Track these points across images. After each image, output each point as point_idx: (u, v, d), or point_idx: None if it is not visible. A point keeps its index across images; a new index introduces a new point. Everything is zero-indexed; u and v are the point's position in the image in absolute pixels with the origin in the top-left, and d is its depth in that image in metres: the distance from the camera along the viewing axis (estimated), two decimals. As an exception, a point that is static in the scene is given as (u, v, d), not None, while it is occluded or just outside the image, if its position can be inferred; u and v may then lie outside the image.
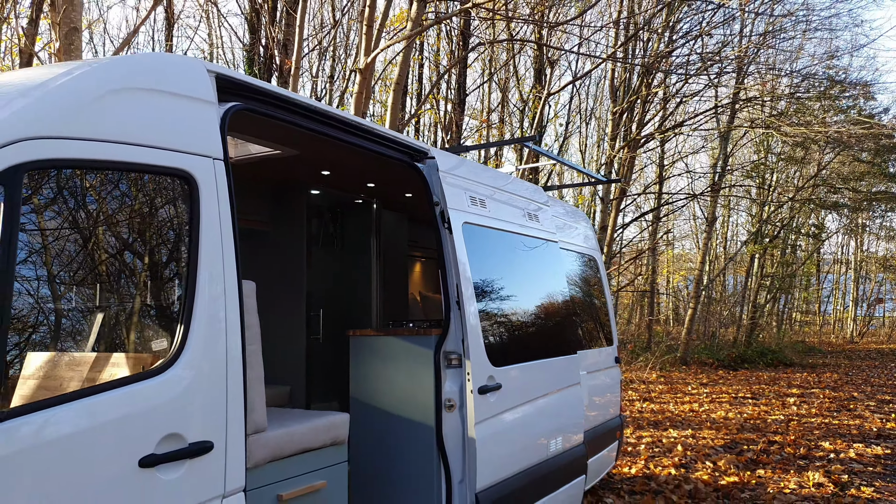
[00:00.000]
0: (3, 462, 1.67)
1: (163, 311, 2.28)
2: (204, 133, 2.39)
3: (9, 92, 2.01)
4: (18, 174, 1.83)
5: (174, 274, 2.29)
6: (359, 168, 4.39)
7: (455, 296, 3.63)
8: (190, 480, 2.11)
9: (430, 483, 3.57)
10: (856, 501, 6.20)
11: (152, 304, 2.29)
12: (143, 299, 2.26)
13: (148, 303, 2.28)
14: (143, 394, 2.03)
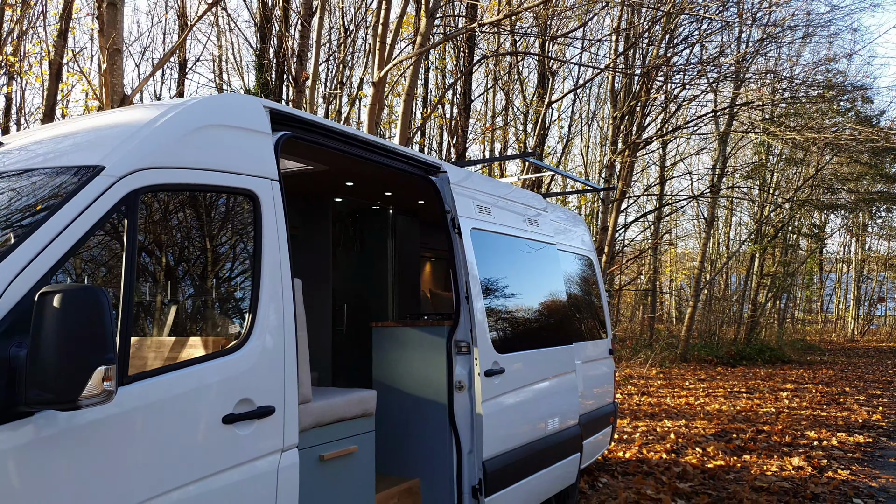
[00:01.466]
0: (129, 412, 2.24)
1: (236, 303, 2.85)
2: (263, 159, 2.96)
3: (121, 132, 2.58)
4: (136, 196, 2.40)
5: (244, 273, 2.86)
6: (378, 179, 4.97)
7: (464, 292, 4.20)
8: (258, 436, 2.69)
9: (443, 452, 4.14)
10: (831, 482, 6.74)
11: (230, 297, 2.87)
12: (222, 293, 2.84)
13: (226, 296, 2.86)
14: (224, 367, 2.60)
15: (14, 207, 2.31)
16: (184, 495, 2.38)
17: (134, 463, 2.24)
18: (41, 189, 2.34)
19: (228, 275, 2.88)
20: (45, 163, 2.50)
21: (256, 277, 2.80)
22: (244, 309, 2.77)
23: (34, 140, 2.83)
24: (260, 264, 2.81)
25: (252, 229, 2.85)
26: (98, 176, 2.33)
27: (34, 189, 2.36)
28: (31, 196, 2.33)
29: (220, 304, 2.86)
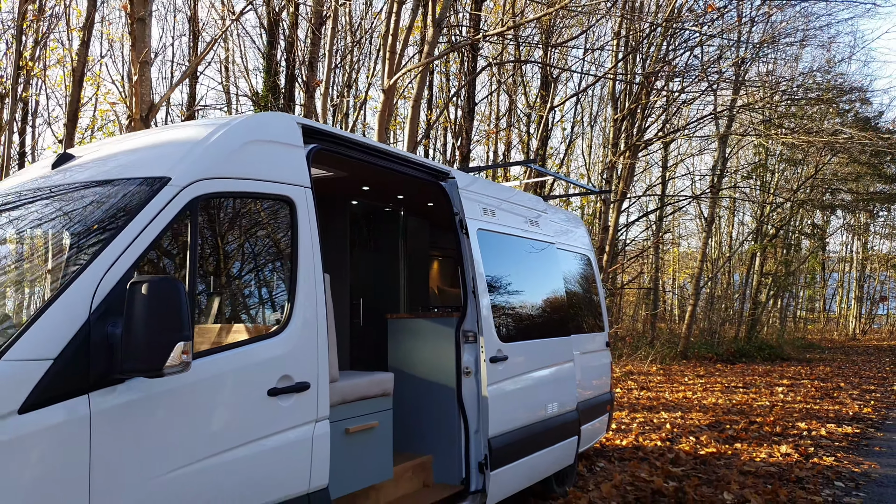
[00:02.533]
0: (196, 382, 2.69)
1: (278, 294, 3.30)
2: (297, 169, 3.41)
3: (181, 147, 3.04)
4: (197, 202, 2.85)
5: (283, 268, 3.31)
6: (392, 184, 5.41)
7: (471, 286, 4.65)
8: (296, 408, 3.13)
9: (452, 431, 4.59)
10: (815, 467, 7.17)
11: (272, 289, 3.32)
12: (266, 285, 3.29)
13: (269, 288, 3.31)
14: (269, 347, 3.05)
15: (99, 213, 2.76)
16: (237, 455, 2.83)
17: (199, 425, 2.70)
18: (120, 197, 2.79)
19: (270, 270, 3.33)
20: (120, 174, 2.95)
21: (293, 272, 3.24)
22: (284, 299, 3.22)
23: (105, 154, 3.28)
24: (296, 261, 3.26)
25: (289, 231, 3.30)
26: (166, 186, 2.79)
27: (114, 196, 2.81)
28: (112, 202, 2.78)
29: (264, 294, 3.31)
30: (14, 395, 2.17)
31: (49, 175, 3.21)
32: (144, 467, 2.49)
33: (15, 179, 3.43)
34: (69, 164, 3.28)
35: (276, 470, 3.01)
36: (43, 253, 2.75)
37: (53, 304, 2.34)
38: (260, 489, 2.93)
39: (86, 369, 2.34)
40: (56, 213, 2.91)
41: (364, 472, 3.87)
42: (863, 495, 6.23)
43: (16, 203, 3.11)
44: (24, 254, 2.85)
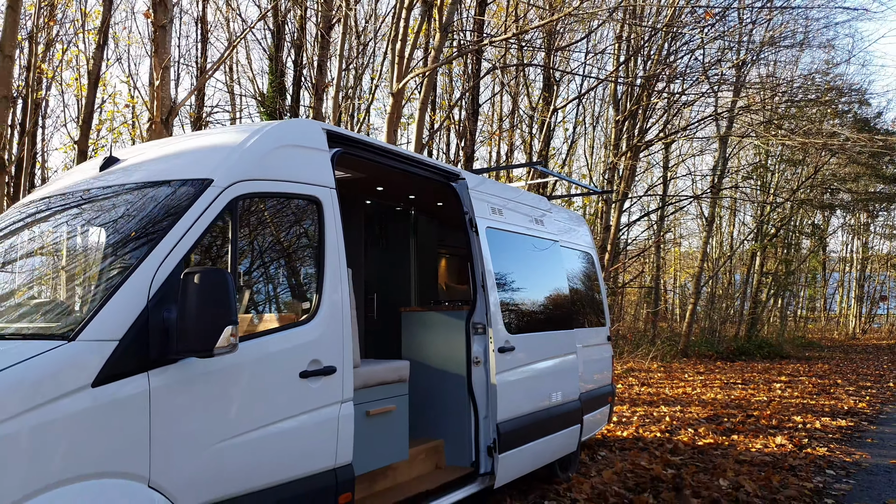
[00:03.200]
0: (238, 364, 2.99)
1: (308, 285, 3.60)
2: (323, 171, 3.71)
3: (220, 152, 3.34)
4: (236, 202, 3.15)
5: (312, 262, 3.61)
6: (405, 185, 5.71)
7: (480, 281, 4.95)
8: (324, 389, 3.43)
9: (463, 417, 4.89)
10: (808, 457, 7.46)
11: (303, 281, 3.62)
12: (297, 277, 3.59)
13: (300, 279, 3.61)
14: (300, 334, 3.35)
15: (151, 211, 3.06)
16: (273, 430, 3.13)
17: (241, 402, 3.00)
18: (169, 196, 3.09)
19: (300, 263, 3.63)
20: (166, 176, 3.25)
21: (321, 266, 3.55)
22: (313, 290, 3.52)
23: (148, 158, 3.58)
24: (323, 256, 3.56)
25: (316, 228, 3.60)
26: (210, 187, 3.09)
27: (164, 196, 3.11)
28: (162, 202, 3.08)
29: (295, 285, 3.61)
30: (88, 370, 2.47)
31: (100, 176, 3.51)
32: (196, 438, 2.79)
33: (66, 181, 3.73)
34: (116, 167, 3.58)
35: (307, 445, 3.31)
36: (102, 247, 3.05)
37: (117, 292, 2.64)
38: (293, 462, 3.23)
39: (145, 350, 2.64)
40: (112, 211, 3.21)
41: (383, 452, 4.17)
42: (852, 482, 6.52)
43: (75, 202, 3.42)
44: (86, 247, 3.15)
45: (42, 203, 3.57)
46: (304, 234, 3.64)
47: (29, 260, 3.33)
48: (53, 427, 2.35)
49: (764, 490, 6.03)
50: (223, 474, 2.89)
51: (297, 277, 3.63)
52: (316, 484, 3.33)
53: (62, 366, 2.42)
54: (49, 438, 2.33)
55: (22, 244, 3.42)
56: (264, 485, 3.08)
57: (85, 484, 2.41)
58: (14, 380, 2.30)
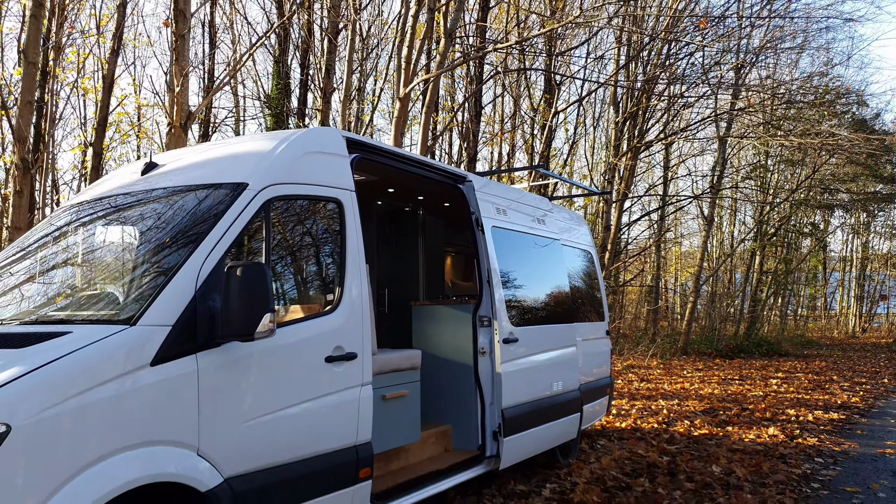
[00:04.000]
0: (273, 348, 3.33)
1: (331, 278, 3.95)
2: (343, 175, 4.06)
3: (253, 158, 3.69)
4: (269, 203, 3.50)
5: (334, 257, 3.96)
6: (415, 187, 6.06)
7: (486, 277, 5.30)
8: (346, 373, 3.78)
9: (470, 403, 5.24)
10: (798, 446, 7.80)
11: (327, 274, 3.97)
12: (322, 271, 3.94)
13: (325, 273, 3.96)
14: (326, 322, 3.70)
15: (194, 211, 3.41)
16: (303, 409, 3.48)
17: (276, 382, 3.35)
18: (210, 198, 3.44)
19: (325, 259, 3.99)
20: (206, 180, 3.60)
21: (343, 261, 3.90)
22: (336, 283, 3.87)
23: (186, 163, 3.94)
24: (345, 252, 3.91)
25: (338, 227, 3.95)
26: (245, 190, 3.44)
27: (205, 198, 3.46)
28: (204, 203, 3.43)
29: (320, 278, 3.97)
30: (147, 350, 2.82)
31: (143, 180, 3.87)
32: (237, 413, 3.14)
33: (110, 183, 4.09)
34: (157, 172, 3.93)
35: (332, 423, 3.66)
36: (153, 244, 3.40)
37: (169, 283, 3.00)
38: (320, 438, 3.58)
39: (194, 335, 2.99)
40: (159, 211, 3.56)
41: (397, 433, 4.52)
42: (839, 469, 6.86)
43: (125, 203, 3.77)
44: (138, 244, 3.50)
45: (93, 204, 3.93)
46: (328, 233, 3.99)
47: (89, 255, 3.69)
48: (120, 400, 2.70)
49: (754, 475, 6.37)
50: (259, 447, 3.24)
51: (321, 271, 3.99)
52: (339, 459, 3.68)
53: (127, 346, 2.77)
54: (117, 409, 2.69)
55: (81, 241, 3.78)
56: (294, 458, 3.43)
57: (146, 450, 2.77)
58: (88, 358, 2.66)
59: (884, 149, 19.01)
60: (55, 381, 2.54)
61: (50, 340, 2.71)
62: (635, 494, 5.60)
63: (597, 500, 5.35)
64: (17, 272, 3.69)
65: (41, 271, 3.67)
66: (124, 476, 2.65)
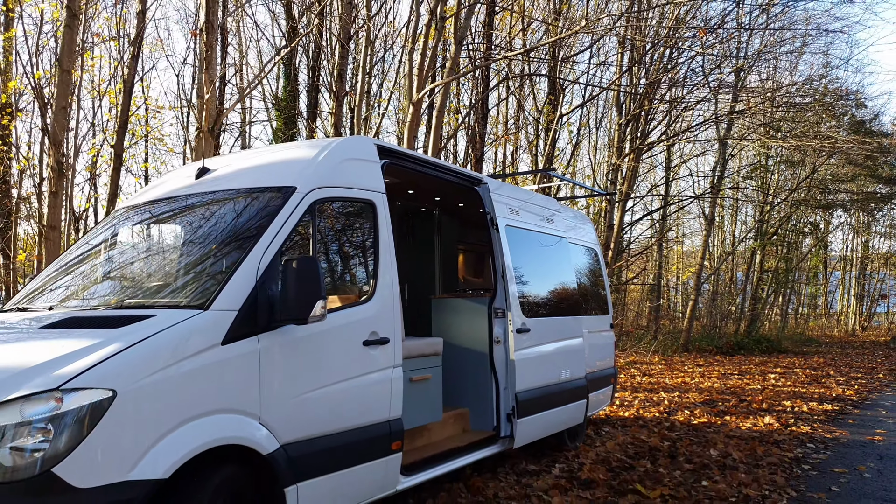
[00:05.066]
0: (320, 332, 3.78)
1: (367, 271, 4.41)
2: (375, 179, 4.52)
3: (299, 163, 4.14)
4: (315, 205, 3.96)
5: (369, 252, 4.41)
6: (432, 188, 6.52)
7: (500, 271, 5.76)
8: (380, 356, 4.24)
9: (486, 388, 5.69)
10: (792, 433, 8.24)
11: (364, 267, 4.43)
12: (359, 264, 4.40)
13: (362, 266, 4.42)
14: (362, 310, 4.16)
15: (251, 211, 3.87)
16: (345, 386, 3.94)
17: (323, 361, 3.81)
18: (264, 200, 3.90)
19: (361, 254, 4.45)
20: (258, 183, 4.06)
21: (376, 256, 4.36)
22: (371, 275, 4.33)
23: (236, 168, 4.39)
24: (378, 248, 4.37)
25: (372, 226, 4.41)
26: (294, 193, 3.90)
27: (259, 200, 3.92)
28: (259, 204, 3.89)
29: (357, 271, 4.43)
30: (219, 331, 3.28)
31: (199, 183, 4.33)
32: (291, 387, 3.60)
33: (166, 186, 4.55)
34: (210, 176, 4.39)
35: (369, 400, 4.12)
36: (217, 240, 3.86)
37: (234, 274, 3.45)
38: (358, 412, 4.04)
39: (255, 318, 3.44)
40: (218, 211, 4.02)
41: (422, 412, 4.98)
42: (829, 453, 7.30)
43: (185, 205, 4.23)
44: (203, 240, 3.95)
45: (155, 205, 4.40)
46: (363, 231, 4.45)
47: (161, 249, 4.15)
48: (199, 372, 3.16)
49: (749, 458, 6.83)
50: (309, 418, 3.70)
51: (357, 265, 4.45)
52: (375, 432, 4.14)
53: (202, 328, 3.23)
54: (197, 381, 3.15)
55: (151, 237, 4.25)
56: (337, 429, 3.89)
57: (219, 416, 3.23)
58: (172, 336, 3.11)
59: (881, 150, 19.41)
60: (148, 355, 3.00)
61: (139, 322, 3.17)
62: (638, 473, 6.06)
63: (603, 478, 5.80)
64: (96, 264, 4.15)
65: (120, 263, 4.14)
66: (203, 437, 3.10)
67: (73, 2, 8.67)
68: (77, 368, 2.82)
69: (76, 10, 8.90)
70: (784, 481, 6.02)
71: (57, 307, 3.78)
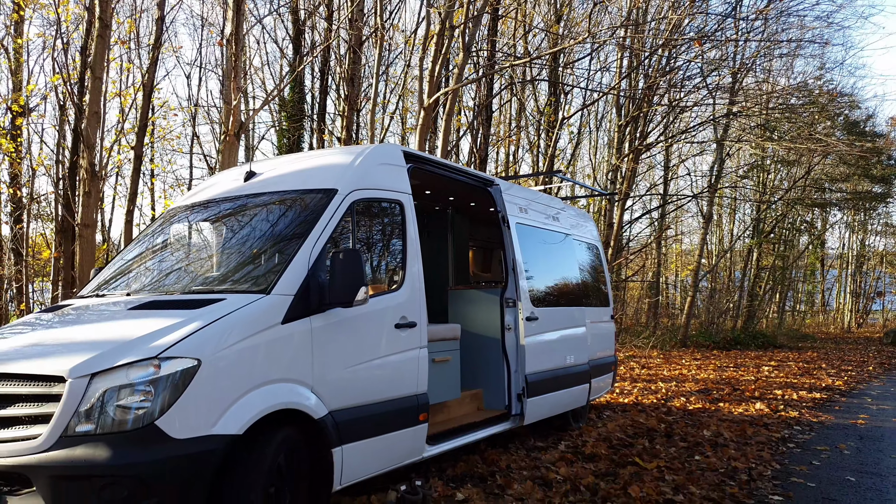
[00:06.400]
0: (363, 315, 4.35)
1: (397, 263, 4.97)
2: (402, 181, 5.08)
3: (338, 167, 4.71)
4: (354, 205, 4.53)
5: (399, 247, 4.98)
6: (447, 189, 7.09)
7: (511, 265, 6.33)
8: (409, 338, 4.81)
9: (498, 370, 6.27)
10: (780, 417, 8.82)
11: (394, 259, 5.00)
12: (391, 257, 4.98)
13: (393, 258, 4.99)
14: (394, 297, 4.73)
15: (299, 210, 4.44)
16: (381, 362, 4.51)
17: (363, 340, 4.38)
18: (309, 200, 4.47)
19: (392, 247, 5.02)
20: (304, 185, 4.63)
21: (405, 250, 4.93)
22: (400, 267, 4.90)
23: (281, 172, 4.96)
24: (406, 243, 4.94)
25: (401, 223, 4.98)
26: (336, 194, 4.46)
27: (306, 200, 4.49)
28: (306, 204, 4.46)
29: (389, 263, 5.00)
30: (279, 313, 3.85)
31: (248, 185, 4.91)
32: (337, 361, 4.17)
33: (217, 188, 5.12)
34: (257, 179, 4.97)
35: (400, 375, 4.69)
36: (273, 235, 4.43)
37: (290, 264, 4.02)
38: (391, 386, 4.61)
39: (308, 302, 4.01)
40: (270, 211, 4.59)
41: (443, 390, 5.56)
42: (814, 434, 7.89)
43: (239, 205, 4.81)
44: (259, 235, 4.53)
45: (209, 204, 4.97)
46: (393, 227, 5.03)
47: (222, 243, 4.72)
48: (264, 347, 3.73)
49: (739, 437, 7.41)
50: (351, 389, 4.27)
51: (390, 257, 5.02)
52: (405, 404, 4.71)
53: (266, 309, 3.80)
54: (263, 353, 3.72)
55: (211, 232, 4.82)
56: (374, 400, 4.46)
57: (278, 384, 3.79)
58: (242, 316, 3.68)
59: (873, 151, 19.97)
60: (224, 331, 3.57)
61: (213, 304, 3.74)
62: (637, 449, 6.63)
63: (604, 453, 6.38)
64: (162, 257, 4.74)
65: (183, 256, 4.72)
66: (268, 402, 3.67)
67: (105, 13, 9.24)
68: (169, 341, 3.39)
69: (108, 20, 9.47)
70: (770, 456, 6.60)
71: (133, 294, 4.35)
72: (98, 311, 4.05)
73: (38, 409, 3.27)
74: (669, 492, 5.22)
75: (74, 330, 3.82)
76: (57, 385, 3.25)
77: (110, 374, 3.26)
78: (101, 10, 9.12)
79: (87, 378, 3.23)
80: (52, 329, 3.89)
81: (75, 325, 3.91)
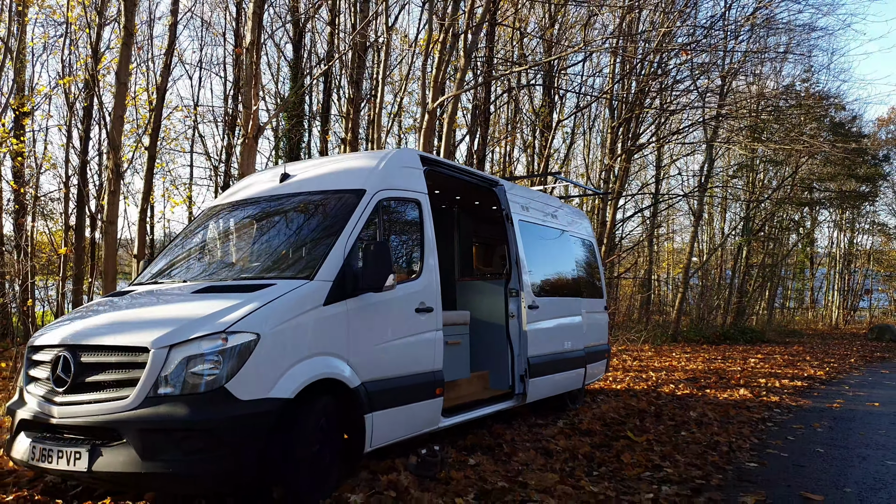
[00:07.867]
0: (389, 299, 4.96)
1: (415, 255, 5.59)
2: (420, 183, 5.71)
3: (365, 170, 5.33)
4: (381, 203, 5.15)
5: (417, 241, 5.60)
6: (455, 189, 7.71)
7: (515, 259, 6.96)
8: (427, 321, 5.43)
9: (503, 354, 6.90)
10: (762, 401, 9.49)
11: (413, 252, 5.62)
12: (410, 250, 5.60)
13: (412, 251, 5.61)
14: (413, 285, 5.34)
15: (332, 208, 5.05)
16: (403, 342, 5.13)
17: (389, 322, 5.01)
18: (341, 200, 5.08)
19: (412, 241, 5.65)
20: (335, 186, 5.24)
21: (422, 243, 5.55)
22: (419, 258, 5.53)
23: (313, 174, 5.57)
24: (423, 237, 5.57)
25: (419, 220, 5.60)
26: (365, 194, 5.08)
27: (338, 199, 5.10)
28: (338, 202, 5.07)
29: (409, 254, 5.63)
30: (322, 296, 4.46)
31: (284, 186, 5.52)
32: (368, 339, 4.79)
33: (254, 188, 5.73)
34: (292, 180, 5.58)
35: (419, 353, 5.32)
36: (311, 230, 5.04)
37: (328, 254, 4.64)
38: (412, 362, 5.24)
39: (344, 287, 4.62)
40: (307, 208, 5.21)
41: (454, 369, 6.19)
42: (791, 415, 8.56)
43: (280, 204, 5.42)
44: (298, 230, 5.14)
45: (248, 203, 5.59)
46: (412, 223, 5.65)
47: (265, 236, 5.33)
48: (311, 324, 4.35)
49: (722, 418, 8.07)
50: (379, 363, 4.89)
51: (410, 249, 5.65)
52: (423, 379, 5.34)
53: (311, 292, 4.42)
54: (310, 330, 4.33)
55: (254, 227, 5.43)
56: (398, 374, 5.08)
57: (321, 357, 4.41)
58: (292, 298, 4.30)
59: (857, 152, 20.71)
60: (278, 310, 4.18)
61: (267, 288, 4.36)
62: (628, 427, 7.28)
63: (599, 429, 7.03)
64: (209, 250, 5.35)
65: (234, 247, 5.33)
66: (313, 371, 4.29)
67: (130, 22, 9.81)
68: (233, 318, 4.01)
69: (132, 29, 10.04)
70: (749, 433, 7.26)
71: (190, 281, 4.96)
72: (164, 294, 4.66)
73: (126, 374, 3.88)
74: (657, 459, 5.87)
75: (149, 310, 4.43)
76: (142, 355, 3.87)
77: (186, 346, 3.87)
78: (127, 20, 9.69)
79: (167, 349, 3.85)
80: (128, 309, 4.51)
81: (148, 305, 4.52)
